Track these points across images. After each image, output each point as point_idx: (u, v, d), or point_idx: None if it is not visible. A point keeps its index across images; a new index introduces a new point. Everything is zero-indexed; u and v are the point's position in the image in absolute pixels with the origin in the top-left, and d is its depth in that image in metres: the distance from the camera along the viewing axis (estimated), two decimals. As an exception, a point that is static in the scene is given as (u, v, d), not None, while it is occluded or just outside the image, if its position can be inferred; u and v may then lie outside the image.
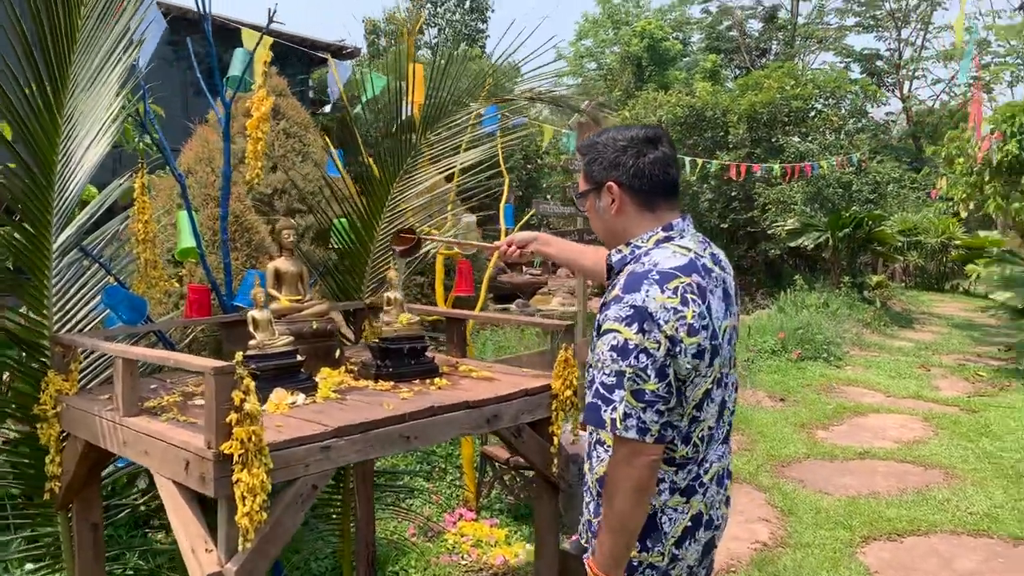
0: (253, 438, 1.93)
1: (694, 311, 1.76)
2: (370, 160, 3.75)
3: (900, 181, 16.37)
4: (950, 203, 14.15)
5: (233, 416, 1.93)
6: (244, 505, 1.91)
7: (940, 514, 4.90)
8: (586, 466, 2.03)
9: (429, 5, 28.85)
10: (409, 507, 4.67)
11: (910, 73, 25.05)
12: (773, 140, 15.77)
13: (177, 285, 3.04)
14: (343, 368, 2.88)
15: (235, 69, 3.22)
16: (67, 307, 2.82)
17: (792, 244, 13.77)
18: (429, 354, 2.91)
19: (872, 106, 18.19)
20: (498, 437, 2.68)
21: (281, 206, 4.87)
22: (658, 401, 1.73)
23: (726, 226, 16.09)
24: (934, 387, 8.62)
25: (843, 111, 16.74)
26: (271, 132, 5.17)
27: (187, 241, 3.15)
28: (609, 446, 1.86)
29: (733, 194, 16.00)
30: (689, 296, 1.77)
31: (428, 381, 2.77)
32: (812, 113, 16.45)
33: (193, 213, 3.14)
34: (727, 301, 1.91)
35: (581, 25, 35.35)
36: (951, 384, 8.79)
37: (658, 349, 1.72)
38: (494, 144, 3.83)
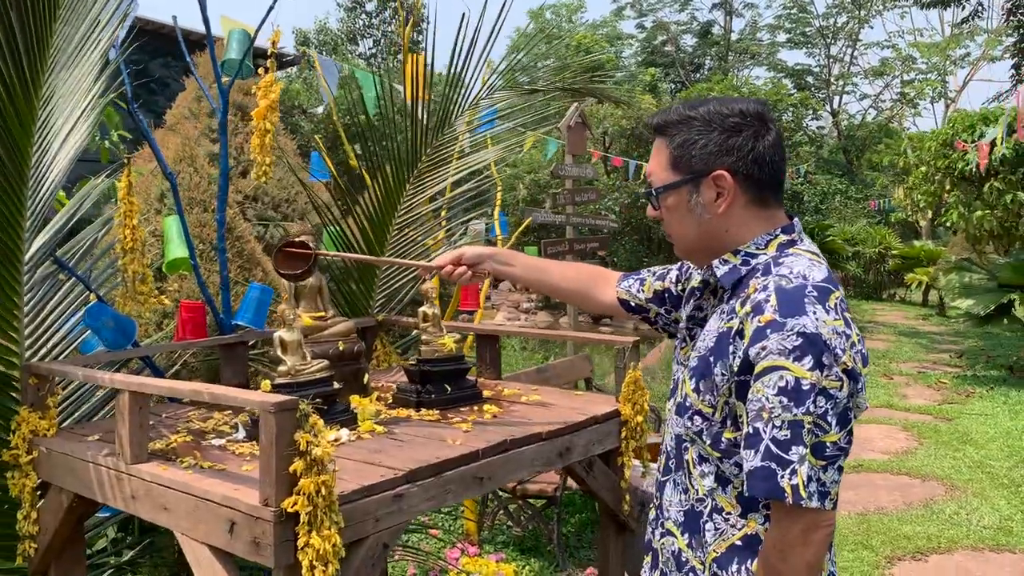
0: (323, 491, 1.53)
1: (856, 333, 1.39)
2: (355, 162, 3.36)
3: (845, 192, 16.64)
4: (890, 213, 14.46)
5: (299, 464, 1.53)
6: (314, 577, 1.51)
7: (955, 529, 4.75)
8: (680, 539, 1.54)
9: (364, 16, 28.31)
10: (405, 543, 4.24)
11: (839, 88, 25.78)
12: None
13: (168, 302, 2.59)
14: (375, 396, 2.48)
15: (232, 52, 2.79)
16: (40, 330, 2.34)
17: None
18: (470, 377, 2.54)
19: (808, 120, 18.55)
20: (568, 473, 2.32)
21: (253, 215, 4.42)
22: (840, 456, 1.33)
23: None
24: (902, 395, 8.61)
25: (784, 123, 16.99)
26: (240, 135, 4.71)
27: (177, 251, 2.70)
28: (729, 514, 1.45)
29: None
30: (846, 315, 1.39)
31: (476, 408, 2.40)
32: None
33: (184, 218, 2.69)
34: None
35: (514, 40, 35.37)
36: (918, 392, 8.81)
37: (840, 388, 1.32)
38: (509, 145, 3.50)
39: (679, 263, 1.79)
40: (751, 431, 1.34)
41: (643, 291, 1.82)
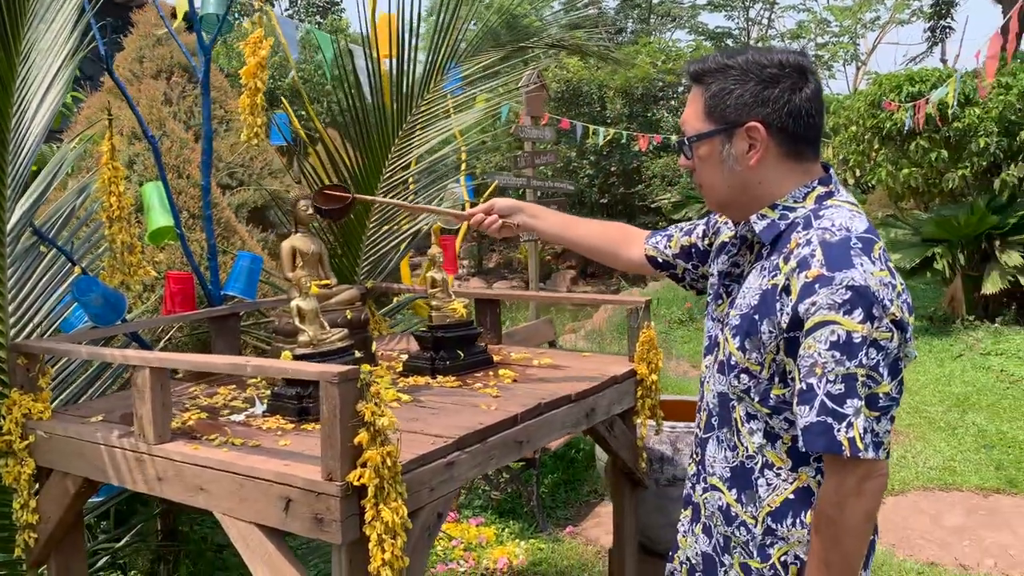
0: (389, 462, 1.48)
1: (901, 283, 1.39)
2: (319, 125, 3.23)
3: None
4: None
5: (363, 436, 1.47)
6: (384, 551, 1.46)
7: (905, 471, 4.99)
8: (727, 494, 1.53)
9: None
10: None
11: (757, 51, 26.14)
12: (649, 115, 16.00)
13: (153, 273, 2.44)
14: (385, 364, 2.41)
15: (210, 6, 2.62)
16: (24, 307, 2.18)
17: (675, 217, 14.03)
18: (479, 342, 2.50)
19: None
20: (590, 434, 2.31)
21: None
22: (892, 405, 1.34)
23: (605, 201, 16.21)
24: (836, 348, 8.97)
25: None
26: (190, 99, 4.45)
27: (160, 219, 2.54)
28: (780, 468, 1.45)
29: (612, 169, 16.14)
30: (890, 265, 1.39)
31: (492, 373, 2.37)
32: (681, 88, 16.82)
33: (165, 185, 2.53)
34: None
35: (433, 1, 34.66)
36: (849, 344, 9.19)
37: (891, 340, 1.32)
38: (490, 107, 3.42)
39: (706, 218, 1.78)
40: (804, 387, 1.34)
41: (670, 247, 1.81)
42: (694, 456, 1.64)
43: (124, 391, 2.46)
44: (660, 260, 1.82)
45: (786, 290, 1.37)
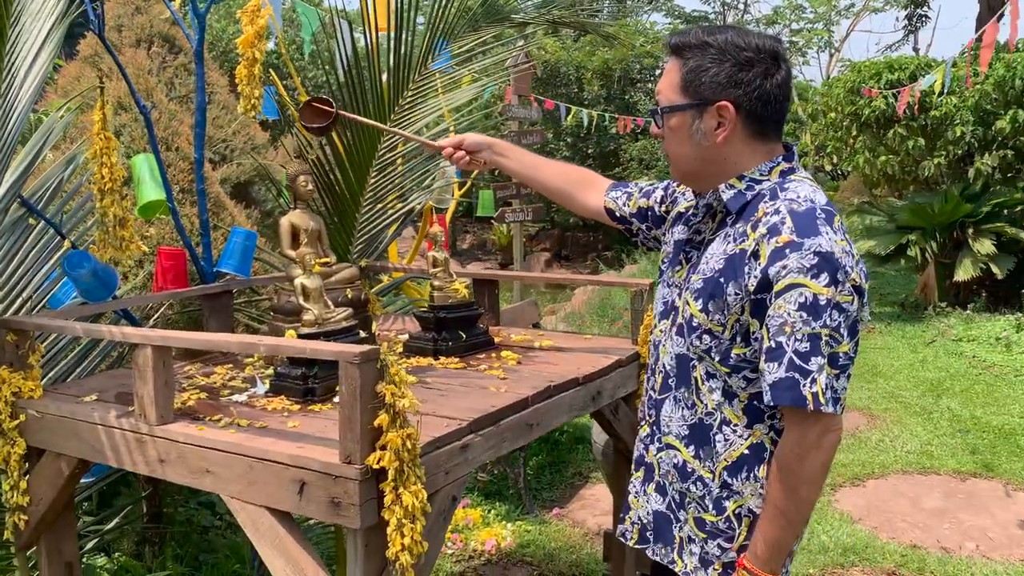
0: (408, 444, 1.44)
1: (857, 253, 1.48)
2: (304, 95, 3.13)
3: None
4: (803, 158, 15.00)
5: (384, 418, 1.43)
6: (403, 535, 1.43)
7: (883, 455, 5.06)
8: (684, 451, 1.58)
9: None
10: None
11: (733, 36, 26.17)
12: (626, 97, 15.98)
13: (145, 249, 2.36)
14: (384, 345, 2.36)
15: (203, -28, 2.53)
16: (12, 282, 2.09)
17: (652, 200, 14.04)
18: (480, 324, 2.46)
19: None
20: (595, 417, 2.29)
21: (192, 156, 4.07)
22: (850, 364, 1.43)
23: (582, 183, 16.16)
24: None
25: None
26: (170, 70, 4.32)
27: (151, 192, 2.46)
28: (736, 425, 1.51)
29: (589, 151, 16.11)
30: (847, 236, 1.47)
31: (494, 355, 2.33)
32: (658, 71, 16.82)
33: (157, 157, 2.45)
34: None
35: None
36: (824, 329, 9.29)
37: (851, 303, 1.40)
38: (483, 86, 3.36)
39: (665, 183, 1.87)
40: (773, 345, 1.41)
41: (628, 205, 1.88)
42: (647, 418, 1.70)
43: (113, 370, 2.39)
44: (617, 215, 1.90)
45: (755, 255, 1.44)
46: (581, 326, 8.32)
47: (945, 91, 6.95)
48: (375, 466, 1.43)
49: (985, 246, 8.49)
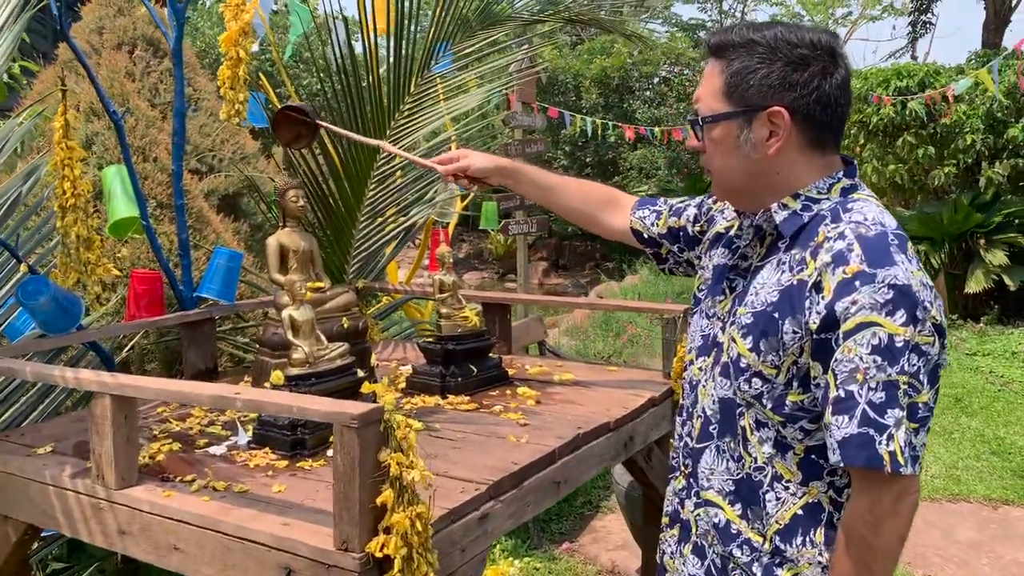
0: (418, 526, 1.17)
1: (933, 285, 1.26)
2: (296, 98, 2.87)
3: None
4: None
5: (388, 494, 1.16)
6: (413, 639, 1.16)
7: (908, 480, 4.81)
8: (728, 509, 1.36)
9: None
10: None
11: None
12: (624, 105, 15.76)
13: (116, 272, 2.09)
14: (385, 380, 2.09)
15: (182, -36, 2.27)
16: (-42, 312, 1.83)
17: (652, 209, 13.81)
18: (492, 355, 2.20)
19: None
20: (627, 467, 2.02)
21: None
22: (929, 416, 1.22)
23: (580, 192, 15.93)
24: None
25: (684, 79, 17.05)
26: (154, 75, 4.05)
27: (123, 209, 2.19)
28: (789, 482, 1.30)
29: (587, 160, 15.88)
30: (921, 264, 1.26)
31: (509, 392, 2.07)
32: (656, 80, 16.61)
33: (130, 168, 2.18)
34: None
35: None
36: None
37: (932, 345, 1.20)
38: (491, 91, 3.11)
39: (698, 200, 1.66)
40: (843, 394, 1.20)
41: (657, 225, 1.69)
42: (682, 468, 1.48)
43: (80, 411, 2.11)
44: (646, 236, 1.70)
45: (817, 287, 1.23)
46: (585, 341, 8.06)
47: (996, 92, 6.72)
48: (378, 554, 1.16)
49: (997, 257, 8.27)
